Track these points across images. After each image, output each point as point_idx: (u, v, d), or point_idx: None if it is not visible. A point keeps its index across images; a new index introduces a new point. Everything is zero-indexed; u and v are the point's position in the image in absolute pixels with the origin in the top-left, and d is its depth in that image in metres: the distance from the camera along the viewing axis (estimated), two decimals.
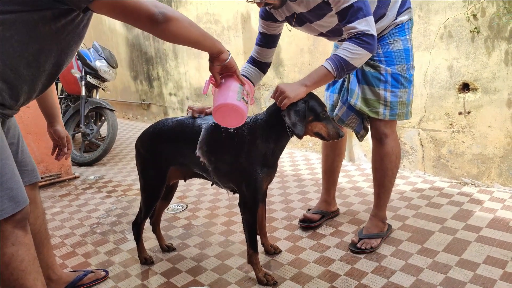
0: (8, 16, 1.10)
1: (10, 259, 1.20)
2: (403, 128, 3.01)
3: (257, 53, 1.97)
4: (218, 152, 1.69)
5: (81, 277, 1.83)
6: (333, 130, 1.65)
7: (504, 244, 1.92)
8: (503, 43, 2.39)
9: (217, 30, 4.43)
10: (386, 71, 1.84)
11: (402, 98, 1.87)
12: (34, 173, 1.57)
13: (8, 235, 1.20)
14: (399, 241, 2.04)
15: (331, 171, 2.31)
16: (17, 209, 1.20)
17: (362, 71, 1.88)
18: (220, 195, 2.90)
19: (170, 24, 1.19)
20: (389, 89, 1.85)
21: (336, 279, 1.76)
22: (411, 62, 1.89)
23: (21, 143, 1.50)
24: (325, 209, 2.34)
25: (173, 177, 1.93)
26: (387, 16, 1.79)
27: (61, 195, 3.18)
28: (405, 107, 1.90)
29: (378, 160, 1.98)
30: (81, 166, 4.01)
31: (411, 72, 1.90)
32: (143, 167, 1.86)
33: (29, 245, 1.25)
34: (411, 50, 1.89)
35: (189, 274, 1.89)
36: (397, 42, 1.84)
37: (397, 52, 1.84)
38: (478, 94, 2.56)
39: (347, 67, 1.62)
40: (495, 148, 2.56)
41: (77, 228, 2.52)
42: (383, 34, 1.85)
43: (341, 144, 2.26)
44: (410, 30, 1.88)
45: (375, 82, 1.86)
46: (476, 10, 2.45)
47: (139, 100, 6.29)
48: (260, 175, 1.66)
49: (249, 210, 1.71)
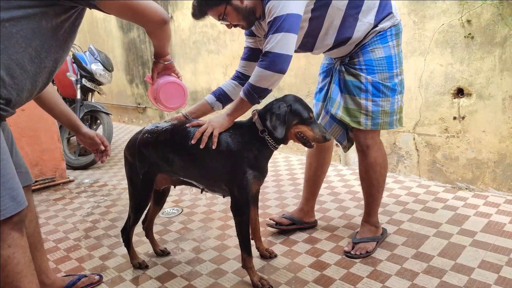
0: (17, 12, 1.12)
1: (6, 261, 1.19)
2: (398, 132, 3.03)
3: (242, 68, 1.97)
4: (206, 157, 1.69)
5: (75, 281, 1.82)
6: (319, 134, 1.66)
7: (498, 249, 1.93)
8: (497, 49, 2.41)
9: (213, 34, 4.44)
10: (367, 79, 1.81)
11: (384, 108, 1.84)
12: (28, 176, 1.56)
13: (4, 237, 1.19)
14: (394, 245, 2.05)
15: (313, 181, 2.26)
16: (18, 209, 1.20)
17: (343, 80, 1.87)
18: (216, 199, 2.89)
19: (169, 25, 1.37)
20: (370, 98, 1.83)
21: (331, 283, 1.76)
22: (394, 70, 1.83)
23: (14, 145, 1.50)
24: (299, 217, 2.28)
25: (163, 183, 1.93)
26: (363, 23, 1.76)
27: (55, 198, 3.16)
28: (387, 117, 1.87)
29: (363, 171, 1.98)
30: (76, 170, 3.98)
31: (395, 81, 1.84)
32: (130, 174, 1.85)
33: (25, 248, 1.25)
34: (396, 57, 1.84)
35: (184, 279, 1.88)
36: (378, 50, 1.80)
37: (378, 60, 1.80)
38: (473, 99, 2.58)
39: (255, 90, 1.64)
40: (489, 153, 2.58)
41: (71, 232, 2.50)
42: (364, 42, 1.81)
43: (327, 154, 2.22)
44: (394, 37, 1.83)
45: (356, 91, 1.84)
46: (470, 16, 2.48)
47: (134, 104, 6.28)
48: (249, 177, 1.66)
49: (241, 213, 1.71)
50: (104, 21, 6.32)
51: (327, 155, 2.22)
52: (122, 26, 5.99)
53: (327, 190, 2.90)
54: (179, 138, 1.72)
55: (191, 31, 4.74)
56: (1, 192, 1.16)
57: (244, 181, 1.66)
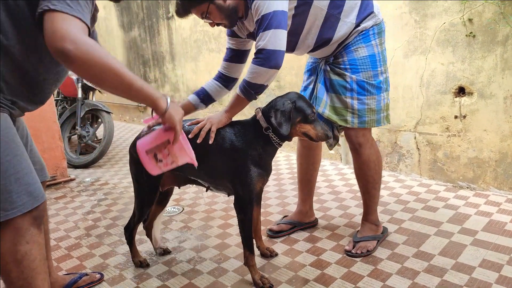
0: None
1: (23, 257, 1.20)
2: (399, 131, 3.02)
3: (224, 68, 1.98)
4: (212, 155, 1.70)
5: (76, 279, 1.82)
6: (321, 132, 1.68)
7: (499, 248, 1.93)
8: (498, 48, 2.40)
9: (214, 33, 4.44)
10: (352, 78, 1.84)
11: (370, 105, 1.87)
12: (43, 172, 1.58)
13: (23, 233, 1.20)
14: (395, 244, 2.04)
15: (306, 181, 2.26)
16: (36, 204, 1.21)
17: (329, 79, 1.90)
18: (217, 197, 2.89)
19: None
20: (356, 96, 1.86)
21: (332, 282, 1.76)
22: (378, 68, 1.86)
23: (30, 142, 1.52)
24: (298, 219, 2.28)
25: (167, 183, 1.93)
26: (344, 22, 1.79)
27: (56, 197, 3.16)
28: (374, 114, 1.89)
29: (358, 169, 2.01)
30: (77, 168, 3.99)
31: (380, 79, 1.87)
32: (136, 173, 1.85)
33: (42, 245, 1.26)
34: (380, 56, 1.87)
35: (184, 277, 1.88)
36: (362, 49, 1.83)
37: (361, 59, 1.83)
38: (474, 98, 2.57)
39: (251, 86, 1.68)
40: (490, 152, 2.57)
41: (72, 231, 2.50)
42: (347, 42, 1.84)
43: (316, 152, 2.21)
44: (376, 36, 1.85)
45: (342, 90, 1.87)
46: (472, 14, 2.47)
47: (135, 103, 6.28)
48: (253, 175, 1.68)
49: (244, 211, 1.71)
50: (105, 20, 6.32)
51: (316, 153, 2.22)
52: (123, 25, 5.99)
53: (327, 189, 2.90)
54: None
55: (192, 30, 4.74)
56: (18, 188, 1.17)
57: (248, 179, 1.67)
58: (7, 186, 1.15)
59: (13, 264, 1.19)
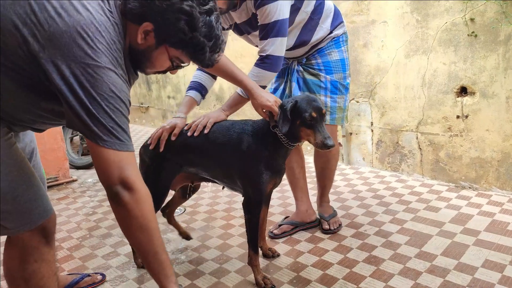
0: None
1: (30, 275, 1.19)
2: (401, 131, 3.02)
3: None
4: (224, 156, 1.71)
5: (78, 280, 1.83)
6: (320, 140, 1.57)
7: (502, 248, 1.92)
8: (501, 47, 2.40)
9: None
10: (326, 78, 2.04)
11: (340, 104, 2.08)
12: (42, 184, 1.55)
13: (31, 251, 1.18)
14: (397, 244, 2.04)
15: (297, 180, 2.28)
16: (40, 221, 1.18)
17: (303, 79, 2.07)
18: (218, 198, 2.89)
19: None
20: (329, 95, 2.05)
21: (334, 283, 1.76)
22: (347, 71, 2.09)
23: (34, 156, 1.48)
24: (299, 219, 2.29)
25: (179, 182, 1.93)
26: (321, 28, 1.99)
27: (58, 198, 3.17)
28: (342, 112, 2.10)
29: (326, 162, 2.24)
30: (79, 169, 4.00)
31: (347, 81, 2.10)
32: (146, 175, 1.83)
33: (51, 262, 1.24)
34: (347, 61, 2.10)
35: (187, 278, 1.88)
36: (334, 53, 2.05)
37: (334, 62, 2.05)
38: (476, 97, 2.56)
39: None
40: (493, 152, 2.56)
41: (74, 232, 2.51)
42: (321, 46, 2.04)
43: (296, 151, 2.20)
44: (345, 43, 2.09)
45: (316, 89, 2.05)
46: (474, 14, 2.46)
47: (137, 103, 6.29)
48: (264, 177, 1.67)
49: (252, 211, 1.71)
50: None
51: (297, 151, 2.23)
52: None
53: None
54: (200, 138, 1.74)
55: None
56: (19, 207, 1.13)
57: (258, 180, 1.66)
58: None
59: (21, 281, 1.19)
